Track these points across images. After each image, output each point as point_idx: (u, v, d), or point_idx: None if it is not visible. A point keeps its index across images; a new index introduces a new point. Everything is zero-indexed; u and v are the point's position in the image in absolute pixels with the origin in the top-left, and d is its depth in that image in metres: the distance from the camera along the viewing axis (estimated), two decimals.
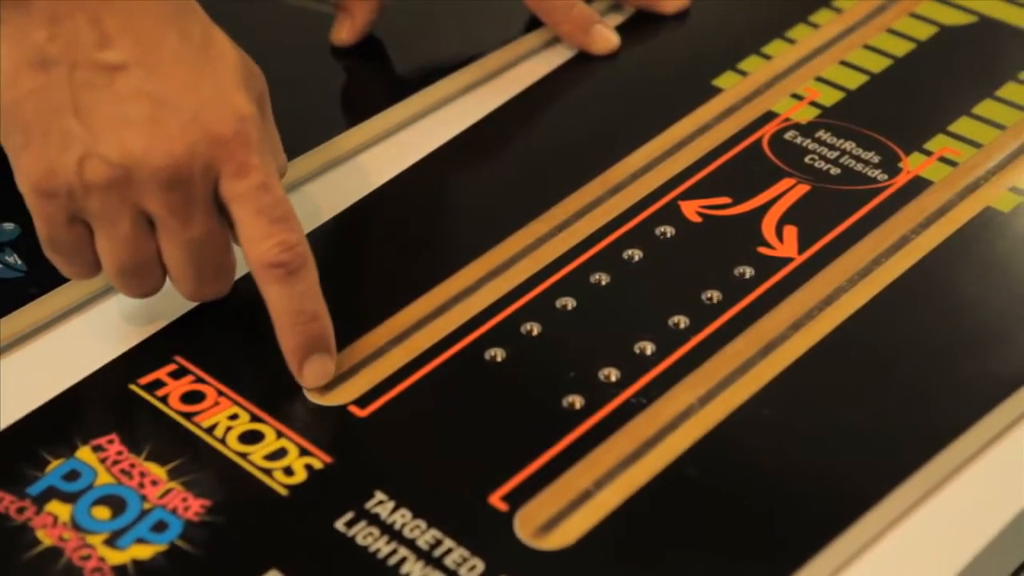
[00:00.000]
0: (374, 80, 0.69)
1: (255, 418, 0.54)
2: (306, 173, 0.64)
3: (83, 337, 0.57)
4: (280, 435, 0.53)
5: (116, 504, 0.51)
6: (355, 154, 0.65)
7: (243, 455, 0.53)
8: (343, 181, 0.64)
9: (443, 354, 0.56)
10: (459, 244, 0.60)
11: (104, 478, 0.52)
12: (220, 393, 0.55)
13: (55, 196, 0.53)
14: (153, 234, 0.55)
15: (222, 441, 0.53)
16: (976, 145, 0.64)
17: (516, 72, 0.69)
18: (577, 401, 0.54)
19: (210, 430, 0.54)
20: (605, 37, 0.69)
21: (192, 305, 0.58)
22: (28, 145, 0.53)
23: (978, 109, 0.65)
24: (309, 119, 0.66)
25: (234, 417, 0.54)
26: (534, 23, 0.70)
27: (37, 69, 0.53)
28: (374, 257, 0.61)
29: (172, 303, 0.57)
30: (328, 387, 0.55)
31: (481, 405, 0.55)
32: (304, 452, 0.53)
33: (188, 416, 0.54)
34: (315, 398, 0.55)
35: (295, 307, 0.55)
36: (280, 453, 0.53)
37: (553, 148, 0.66)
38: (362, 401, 0.54)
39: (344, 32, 0.69)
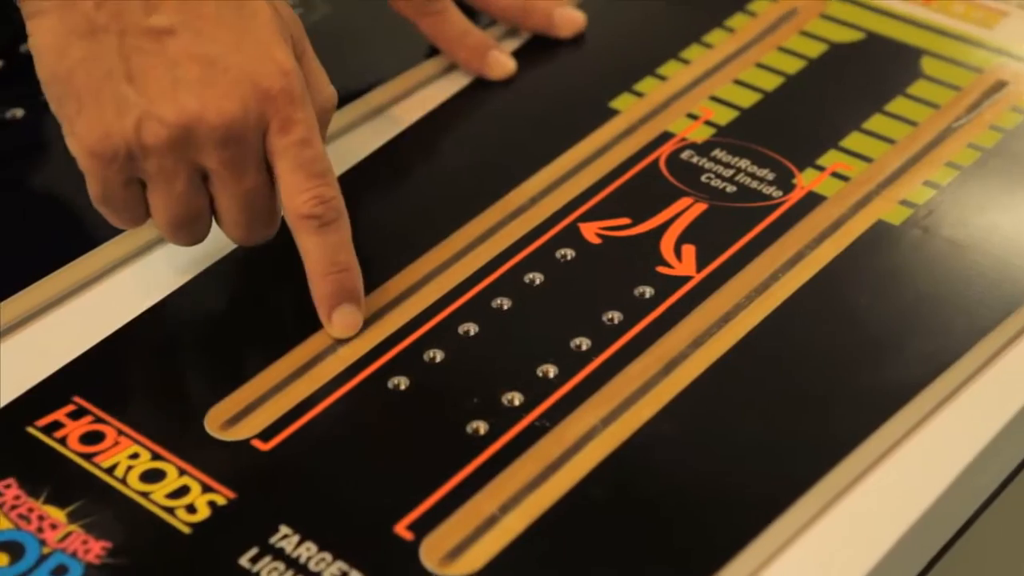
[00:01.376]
0: None
1: (156, 456, 0.52)
2: None
3: None
4: (182, 472, 0.51)
5: (14, 550, 0.49)
6: None
7: (144, 494, 0.51)
8: None
9: (346, 384, 0.54)
10: (365, 274, 0.58)
11: (1, 524, 0.50)
12: (120, 432, 0.53)
13: (113, 159, 0.54)
14: (204, 187, 0.56)
15: (123, 481, 0.51)
16: (867, 160, 0.63)
17: (414, 100, 0.67)
18: (481, 427, 0.53)
19: (110, 470, 0.51)
20: (501, 63, 0.68)
21: (90, 344, 0.56)
22: (82, 111, 0.54)
23: (868, 124, 0.64)
24: None
25: (135, 456, 0.52)
26: (432, 51, 0.69)
27: (86, 38, 0.54)
28: (274, 289, 0.59)
29: (68, 343, 0.56)
30: (231, 421, 0.53)
31: (385, 434, 0.53)
32: (207, 489, 0.51)
33: (88, 457, 0.52)
34: (218, 433, 0.53)
35: (328, 258, 0.56)
36: (182, 491, 0.51)
37: (452, 175, 0.64)
38: (265, 434, 0.53)
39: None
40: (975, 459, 0.53)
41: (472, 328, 0.57)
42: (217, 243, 0.59)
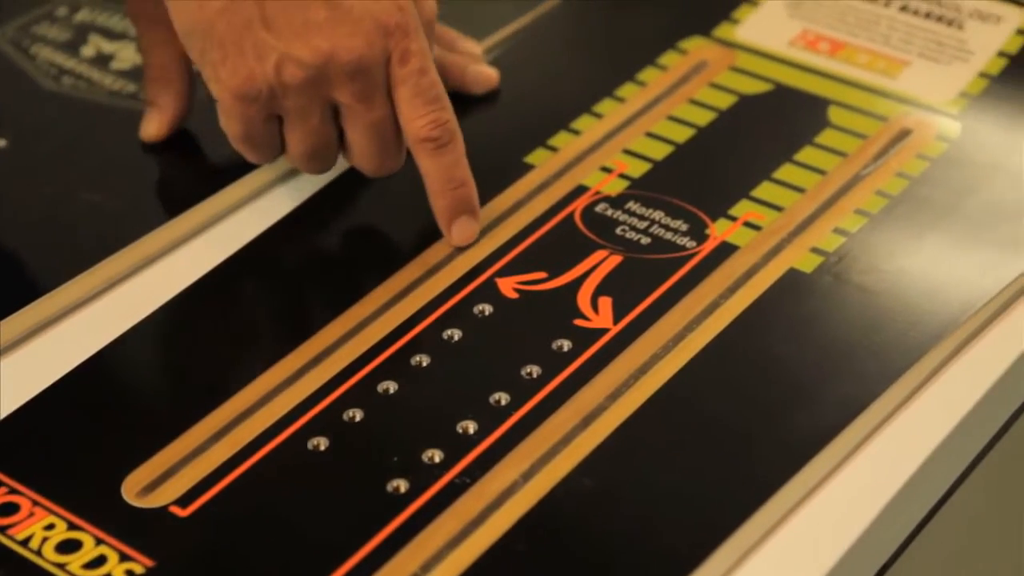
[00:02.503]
0: (186, 175, 0.66)
1: (72, 526, 0.50)
2: (116, 275, 0.60)
3: None
4: (99, 542, 0.50)
5: None
6: (170, 250, 0.62)
7: (61, 566, 0.49)
8: (158, 278, 0.61)
9: (265, 446, 0.53)
10: (279, 334, 0.58)
11: None
12: (35, 503, 0.51)
13: (256, 99, 0.59)
14: (335, 121, 0.60)
15: (38, 553, 0.49)
16: (778, 209, 0.63)
17: None
18: (402, 485, 0.52)
19: (25, 542, 0.50)
20: (486, 75, 0.68)
21: (3, 415, 0.54)
22: (226, 59, 0.58)
23: (778, 174, 0.64)
24: (121, 217, 0.63)
25: (50, 527, 0.50)
26: None
27: None
28: (192, 353, 0.58)
29: None
30: (149, 488, 0.52)
31: (306, 496, 0.52)
32: (125, 558, 0.49)
33: (1, 529, 0.50)
34: (135, 500, 0.51)
35: (445, 175, 0.61)
36: (99, 561, 0.49)
37: (370, 232, 0.63)
38: (184, 500, 0.51)
39: (153, 127, 0.66)
40: (894, 498, 0.53)
41: (391, 386, 0.56)
42: (133, 304, 0.58)
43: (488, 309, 0.59)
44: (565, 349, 0.57)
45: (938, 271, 0.61)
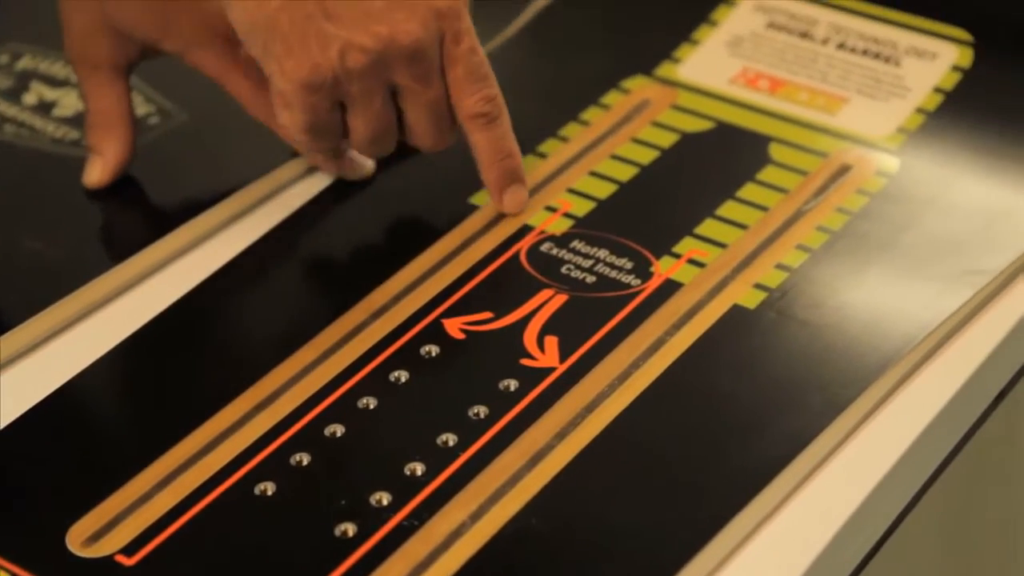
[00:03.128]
0: (129, 221, 0.66)
1: None
2: (58, 323, 0.60)
3: None
4: None
5: None
6: (114, 297, 0.61)
7: None
8: (101, 326, 0.60)
9: (212, 492, 0.52)
10: (225, 379, 0.57)
11: None
12: None
13: (322, 87, 0.61)
14: (394, 103, 0.63)
15: None
16: (721, 245, 0.63)
17: (275, 202, 0.66)
18: (350, 528, 0.51)
19: None
20: (360, 163, 0.67)
21: None
22: (290, 52, 0.60)
23: (721, 211, 0.64)
24: (64, 265, 0.62)
25: None
26: (292, 153, 0.68)
27: None
28: (137, 400, 0.57)
29: None
30: (94, 537, 0.51)
31: (253, 541, 0.51)
32: None
33: None
34: (80, 550, 0.50)
35: (496, 148, 0.64)
36: None
37: (315, 275, 0.63)
38: (130, 549, 0.50)
39: (96, 173, 0.66)
40: (841, 530, 0.52)
41: (339, 429, 0.55)
42: (76, 353, 0.58)
43: (435, 350, 0.58)
44: (512, 389, 0.57)
45: (880, 305, 0.61)
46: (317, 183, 0.67)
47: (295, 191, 0.67)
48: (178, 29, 0.65)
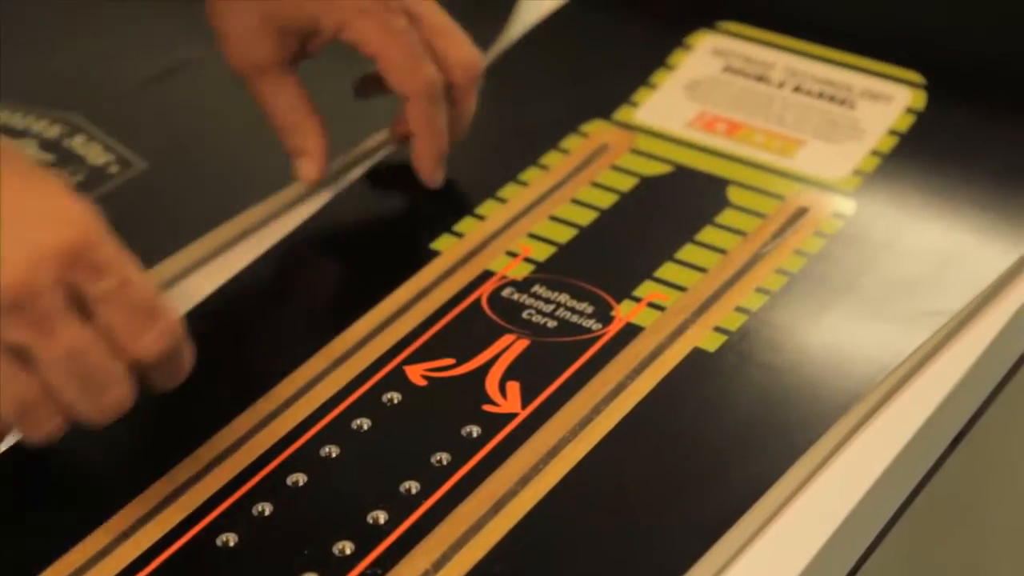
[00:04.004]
0: None
1: None
2: None
3: None
4: None
5: None
6: None
7: None
8: None
9: (173, 545, 0.52)
10: (186, 430, 0.56)
11: None
12: None
13: None
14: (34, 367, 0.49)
15: None
16: (681, 289, 0.63)
17: (235, 252, 0.65)
18: None
19: None
20: (442, 177, 0.66)
21: None
22: None
23: (680, 254, 0.64)
24: None
25: None
26: (251, 199, 0.67)
27: None
28: (95, 452, 0.56)
29: None
30: None
31: None
32: None
33: None
34: None
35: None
36: None
37: (278, 324, 0.62)
38: None
39: (310, 170, 0.66)
40: (803, 573, 0.52)
41: (301, 478, 0.54)
42: None
43: (396, 397, 0.58)
44: (474, 435, 0.56)
45: (839, 347, 0.61)
46: (278, 231, 0.67)
47: (254, 240, 0.66)
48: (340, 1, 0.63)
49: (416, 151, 0.67)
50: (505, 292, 0.63)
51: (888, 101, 0.72)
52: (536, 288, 0.63)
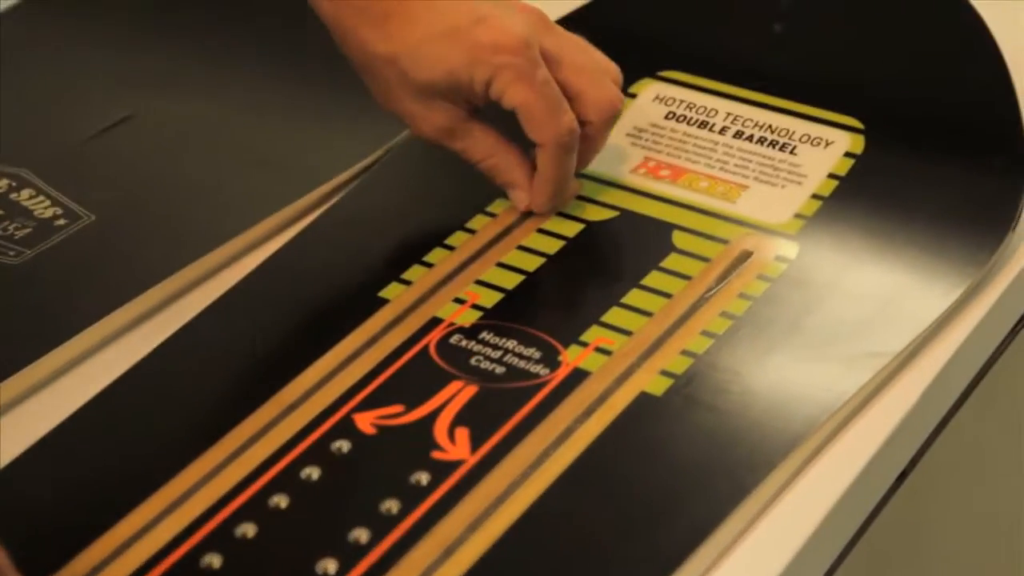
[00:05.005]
0: (36, 322, 0.64)
1: None
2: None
3: None
4: None
5: None
6: (23, 399, 0.60)
7: None
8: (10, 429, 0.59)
9: None
10: (130, 484, 0.56)
11: None
12: None
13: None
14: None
15: None
16: (627, 333, 0.63)
17: (185, 301, 0.65)
18: None
19: None
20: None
21: None
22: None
23: (627, 299, 0.64)
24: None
25: None
26: (200, 253, 0.66)
27: None
28: (57, 499, 0.56)
29: None
30: None
31: None
32: None
33: None
34: None
35: None
36: None
37: (224, 372, 0.62)
38: None
39: (527, 198, 0.68)
40: None
41: (250, 529, 0.54)
42: None
43: (346, 446, 0.58)
44: (424, 482, 0.56)
45: (783, 389, 0.61)
46: (225, 280, 0.67)
47: (203, 290, 0.66)
48: (484, 57, 0.65)
49: (536, 188, 0.68)
50: (453, 339, 0.63)
51: (827, 146, 0.73)
52: (484, 334, 0.63)
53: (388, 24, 0.65)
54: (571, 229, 0.69)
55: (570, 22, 0.79)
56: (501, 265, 0.67)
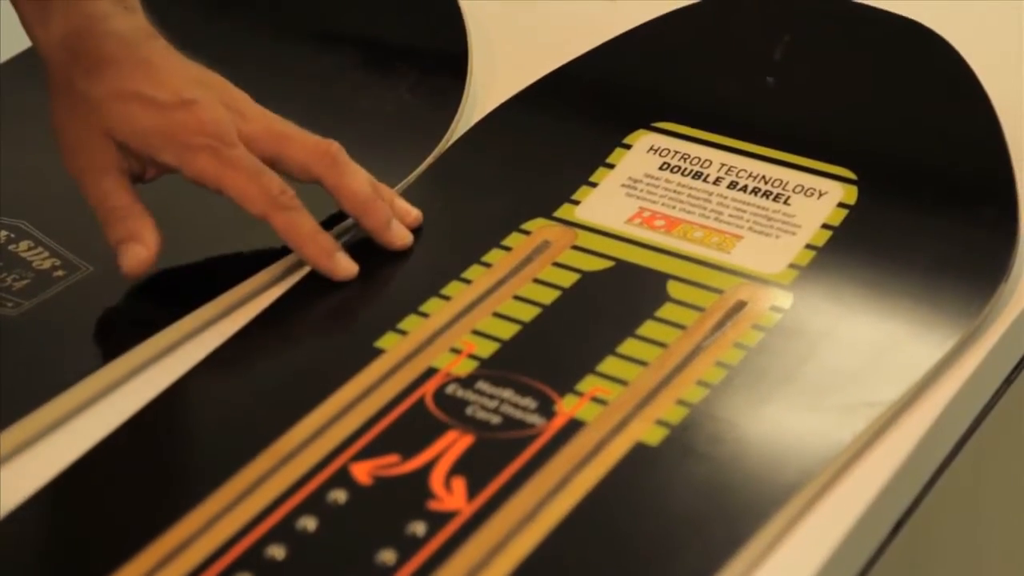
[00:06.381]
0: (32, 374, 0.63)
1: None
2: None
3: None
4: None
5: None
6: (12, 456, 0.60)
7: None
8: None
9: None
10: (122, 538, 0.55)
11: None
12: None
13: None
14: None
15: None
16: (623, 383, 0.63)
17: (182, 351, 0.65)
18: None
19: None
20: (345, 265, 0.68)
21: None
22: None
23: (622, 348, 0.64)
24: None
25: None
26: (183, 312, 0.66)
27: None
28: (48, 551, 0.56)
29: None
30: None
31: None
32: None
33: None
34: None
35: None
36: None
37: (219, 425, 0.62)
38: None
39: (138, 257, 0.66)
40: None
41: None
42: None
43: (342, 496, 0.58)
44: (420, 533, 0.56)
45: (778, 438, 0.61)
46: (222, 331, 0.66)
47: (201, 339, 0.66)
48: (182, 138, 0.66)
49: (307, 257, 0.68)
50: (449, 389, 0.63)
51: (821, 196, 0.73)
52: (480, 384, 0.63)
53: (105, 70, 0.66)
54: (566, 279, 0.69)
55: (564, 74, 0.80)
56: (497, 315, 0.67)
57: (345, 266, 0.68)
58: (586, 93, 0.80)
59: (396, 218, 0.70)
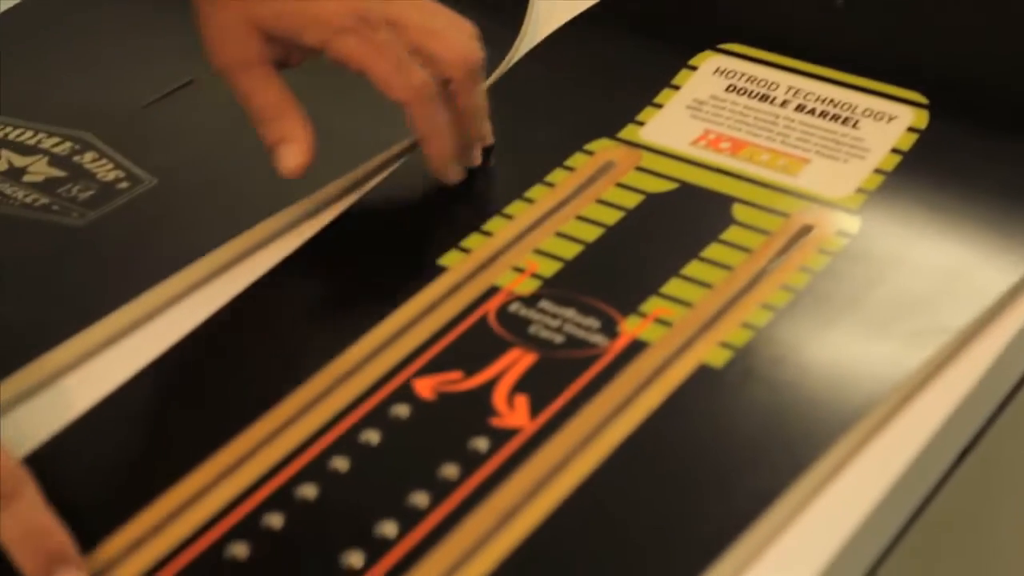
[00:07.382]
0: (97, 285, 0.64)
1: None
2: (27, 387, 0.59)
3: None
4: None
5: None
6: (79, 363, 0.60)
7: None
8: (71, 392, 0.59)
9: (181, 556, 0.51)
10: (190, 446, 0.55)
11: None
12: None
13: None
14: None
15: None
16: (687, 305, 0.62)
17: (242, 267, 0.65)
18: None
19: None
20: (457, 171, 0.67)
21: None
22: None
23: (686, 270, 0.64)
24: (31, 329, 0.61)
25: None
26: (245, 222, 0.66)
27: None
28: (101, 469, 0.56)
29: None
30: None
31: None
32: None
33: None
34: None
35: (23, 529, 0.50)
36: None
37: (283, 340, 0.62)
38: None
39: (295, 157, 0.64)
40: None
41: (311, 491, 0.54)
42: (40, 423, 0.56)
43: (405, 411, 0.57)
44: (483, 449, 0.56)
45: (843, 363, 0.60)
46: (285, 246, 0.66)
47: (263, 255, 0.66)
48: (325, 19, 0.64)
49: (425, 154, 0.67)
50: (512, 307, 0.63)
51: (890, 120, 0.72)
52: (543, 303, 0.63)
53: None
54: (630, 200, 0.68)
55: None
56: (560, 235, 0.66)
57: (456, 172, 0.67)
58: (652, 13, 0.79)
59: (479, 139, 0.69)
